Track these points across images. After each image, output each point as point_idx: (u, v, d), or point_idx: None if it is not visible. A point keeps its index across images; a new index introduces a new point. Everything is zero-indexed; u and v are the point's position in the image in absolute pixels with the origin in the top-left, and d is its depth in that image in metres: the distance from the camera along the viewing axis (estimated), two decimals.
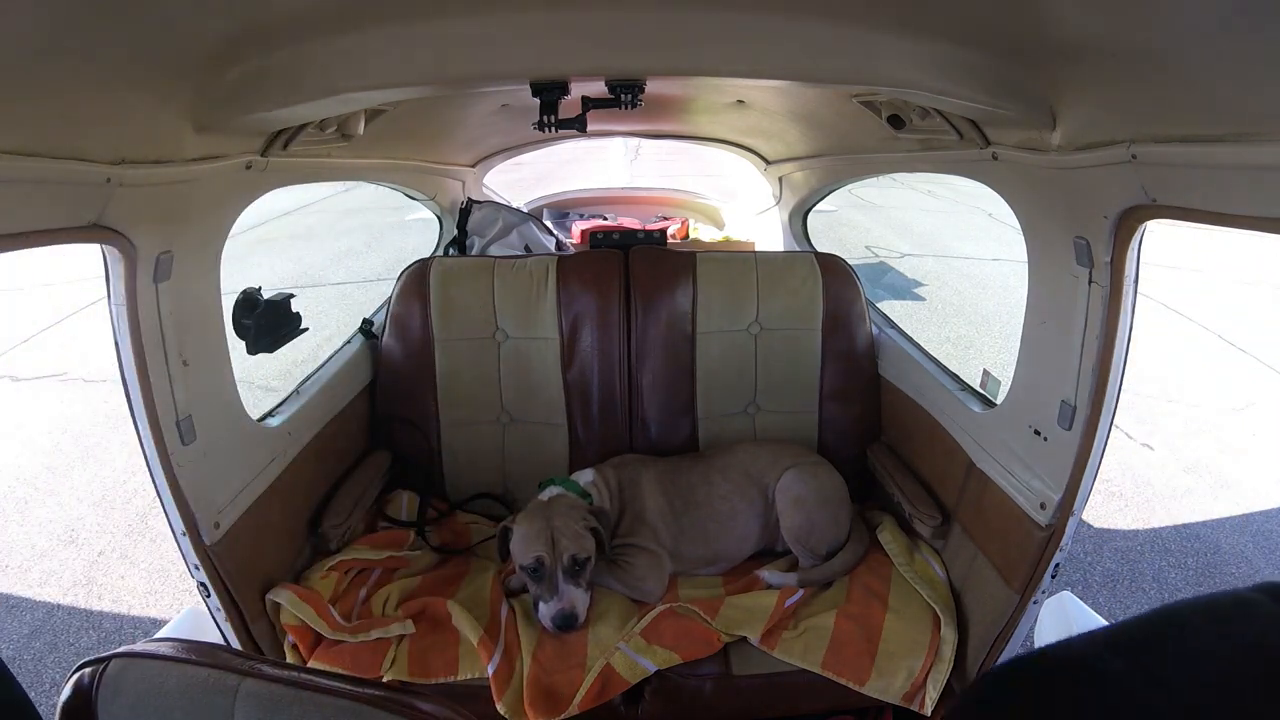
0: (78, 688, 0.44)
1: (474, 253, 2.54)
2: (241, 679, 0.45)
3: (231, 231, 1.32)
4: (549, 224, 2.96)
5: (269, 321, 1.47)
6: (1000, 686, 0.40)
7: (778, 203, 2.75)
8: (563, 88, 1.14)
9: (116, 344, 1.14)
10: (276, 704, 0.45)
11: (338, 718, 0.45)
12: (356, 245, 6.73)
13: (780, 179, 2.66)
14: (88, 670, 0.48)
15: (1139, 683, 0.36)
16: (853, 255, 2.62)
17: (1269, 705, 0.34)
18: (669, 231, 2.95)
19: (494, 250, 2.52)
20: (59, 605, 2.40)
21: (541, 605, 1.42)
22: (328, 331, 4.23)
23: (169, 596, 2.44)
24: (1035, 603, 1.33)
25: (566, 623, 1.39)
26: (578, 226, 3.16)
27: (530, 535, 1.44)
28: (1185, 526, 2.81)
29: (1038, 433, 1.32)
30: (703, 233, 3.26)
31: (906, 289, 5.69)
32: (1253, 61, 0.70)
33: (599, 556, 1.49)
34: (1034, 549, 1.30)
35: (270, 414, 1.54)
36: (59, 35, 0.69)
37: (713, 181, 4.78)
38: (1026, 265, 1.34)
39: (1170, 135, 0.87)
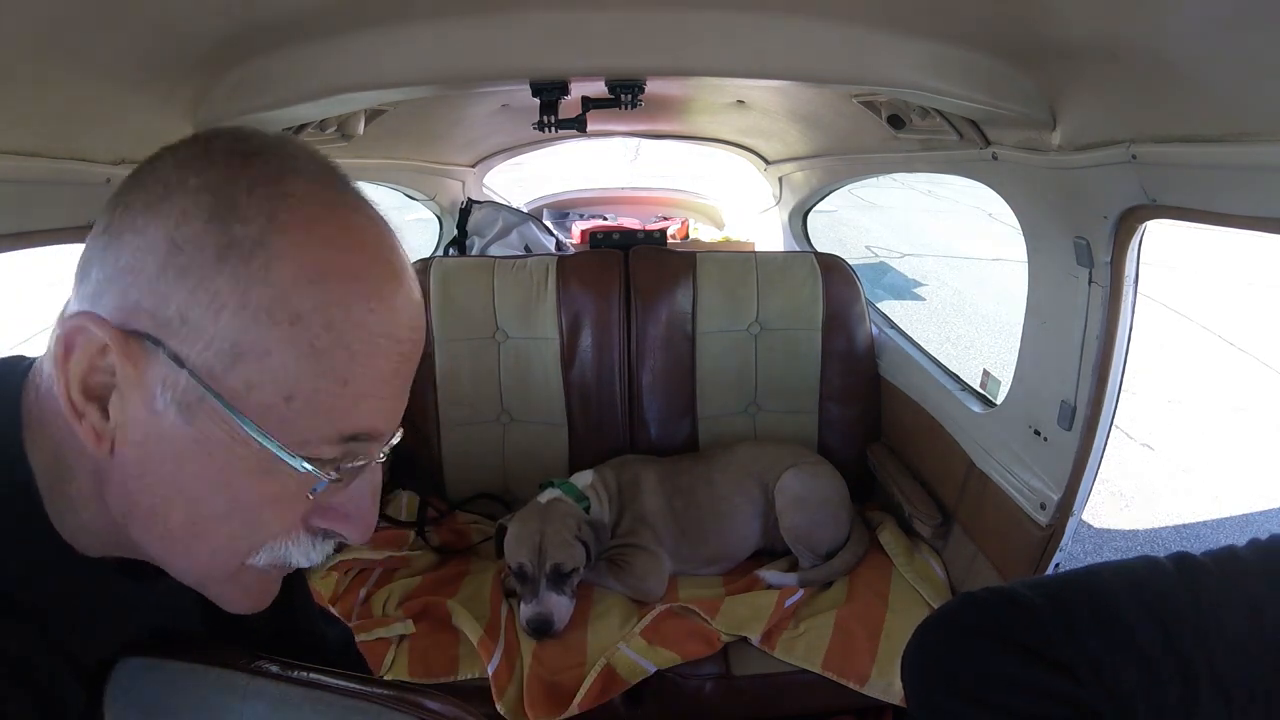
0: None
1: (474, 253, 2.54)
2: (250, 678, 0.45)
3: None
4: (549, 224, 2.96)
5: None
6: (957, 606, 0.52)
7: (778, 203, 2.75)
8: (563, 88, 1.14)
9: None
10: (285, 703, 0.45)
11: (346, 717, 0.45)
12: None
13: (780, 179, 2.66)
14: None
15: (1047, 612, 0.46)
16: (853, 255, 2.62)
17: (1159, 645, 0.43)
18: (669, 231, 2.95)
19: (494, 250, 2.52)
20: None
21: (523, 605, 1.43)
22: None
23: None
24: None
25: (541, 627, 1.39)
26: (578, 226, 3.16)
27: (519, 538, 1.45)
28: (1185, 526, 2.81)
29: (1038, 433, 1.33)
30: (703, 233, 3.26)
31: (906, 289, 5.69)
32: (1253, 61, 0.70)
33: (588, 565, 1.49)
34: (1034, 549, 1.30)
35: None
36: (58, 35, 0.69)
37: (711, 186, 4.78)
38: (1026, 265, 1.34)
39: (1170, 135, 0.87)
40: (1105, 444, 1.23)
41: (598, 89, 1.20)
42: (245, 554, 0.43)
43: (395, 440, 0.47)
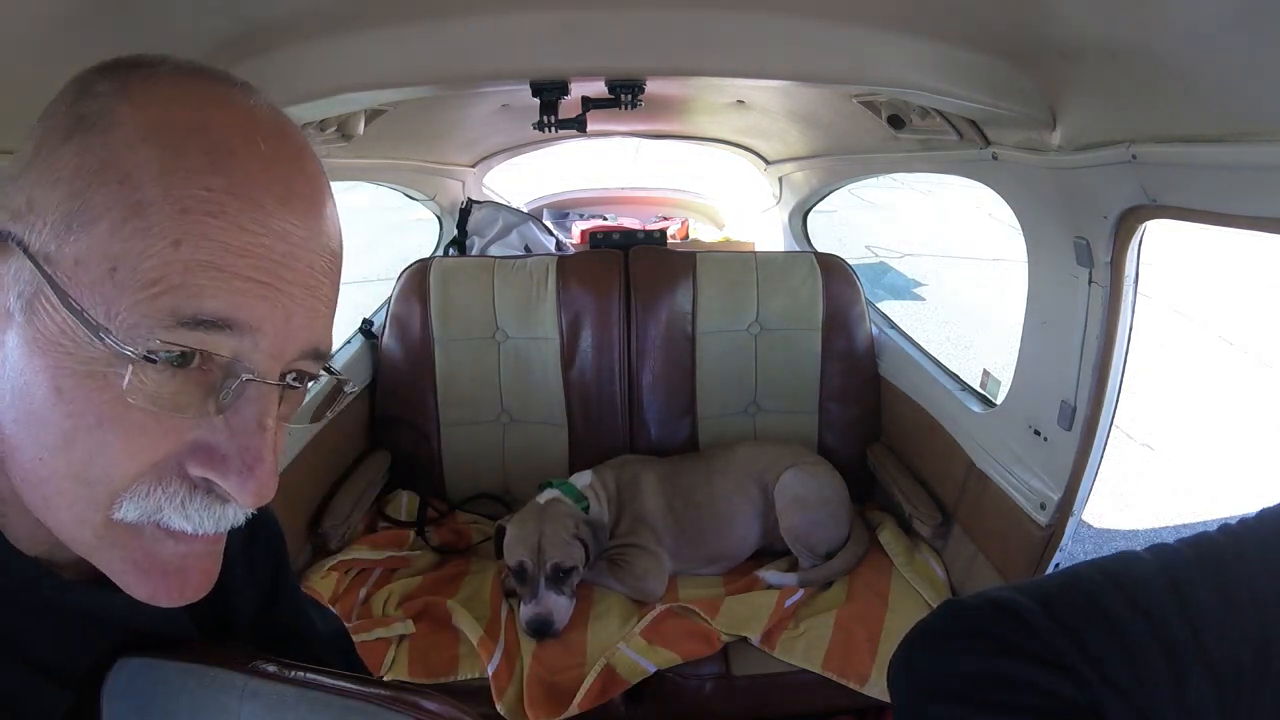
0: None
1: (474, 253, 2.54)
2: (247, 678, 0.45)
3: None
4: (549, 224, 2.96)
5: None
6: (943, 614, 0.51)
7: (778, 203, 2.75)
8: (563, 88, 1.14)
9: None
10: (282, 703, 0.45)
11: (343, 717, 0.45)
12: (357, 245, 6.70)
13: (780, 179, 2.66)
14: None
15: (1038, 613, 0.45)
16: (853, 255, 2.62)
17: (1148, 637, 0.44)
18: (669, 231, 2.95)
19: (494, 250, 2.52)
20: None
21: (523, 606, 1.43)
22: None
23: None
24: None
25: (540, 627, 1.39)
26: (578, 226, 3.16)
27: (518, 538, 1.45)
28: (1185, 526, 2.81)
29: (1038, 433, 1.33)
30: (703, 233, 3.26)
31: (906, 289, 5.69)
32: (1253, 61, 0.70)
33: (587, 565, 1.49)
34: (1034, 549, 1.30)
35: None
36: (58, 35, 0.69)
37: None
38: (1026, 265, 1.34)
39: (1170, 135, 0.87)
40: (1105, 444, 1.23)
41: (598, 89, 1.20)
42: (104, 502, 0.35)
43: (315, 371, 0.40)
